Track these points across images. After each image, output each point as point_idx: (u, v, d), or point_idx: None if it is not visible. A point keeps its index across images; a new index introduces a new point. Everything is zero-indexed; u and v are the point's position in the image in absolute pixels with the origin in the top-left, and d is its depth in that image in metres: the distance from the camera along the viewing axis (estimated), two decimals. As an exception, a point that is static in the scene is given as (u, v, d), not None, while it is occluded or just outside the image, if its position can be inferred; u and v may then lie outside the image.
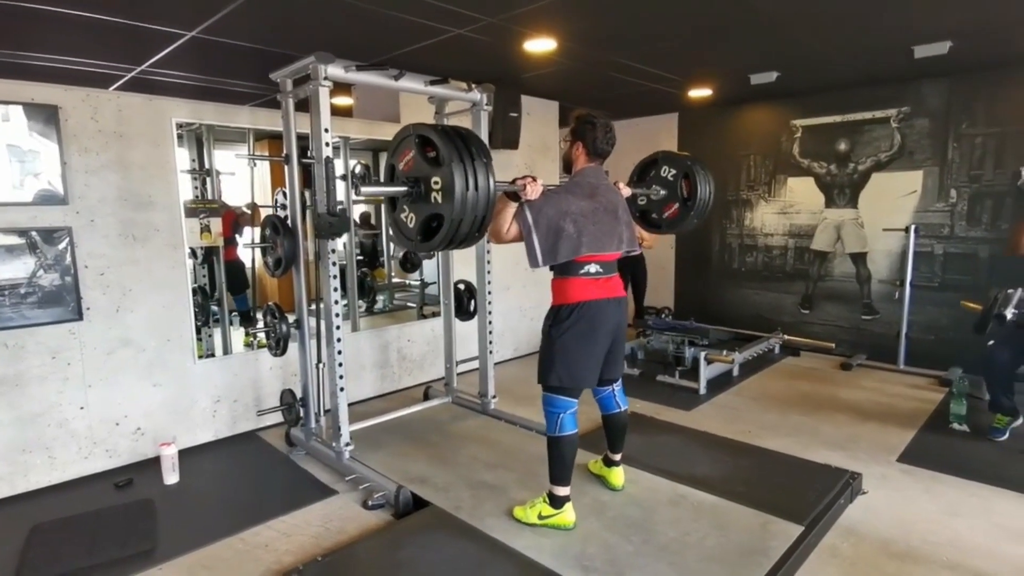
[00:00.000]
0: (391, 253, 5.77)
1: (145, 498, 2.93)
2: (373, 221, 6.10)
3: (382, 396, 4.47)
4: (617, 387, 2.77)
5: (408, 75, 3.11)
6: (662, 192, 3.18)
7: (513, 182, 2.32)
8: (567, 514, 2.50)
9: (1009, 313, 3.40)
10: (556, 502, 2.49)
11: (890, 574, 2.25)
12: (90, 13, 2.99)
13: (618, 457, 2.85)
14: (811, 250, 5.66)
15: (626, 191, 2.82)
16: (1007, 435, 3.46)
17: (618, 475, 2.84)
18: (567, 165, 2.69)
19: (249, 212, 4.80)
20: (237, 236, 4.93)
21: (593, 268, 2.45)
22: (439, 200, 1.97)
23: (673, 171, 3.16)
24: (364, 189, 2.19)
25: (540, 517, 2.51)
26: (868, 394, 4.38)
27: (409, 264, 5.19)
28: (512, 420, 3.70)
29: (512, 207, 2.35)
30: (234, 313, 4.65)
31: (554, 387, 2.47)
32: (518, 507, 2.61)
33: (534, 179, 2.32)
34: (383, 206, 2.31)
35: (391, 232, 2.30)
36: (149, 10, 3.01)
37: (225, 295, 4.06)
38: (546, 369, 2.48)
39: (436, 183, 1.98)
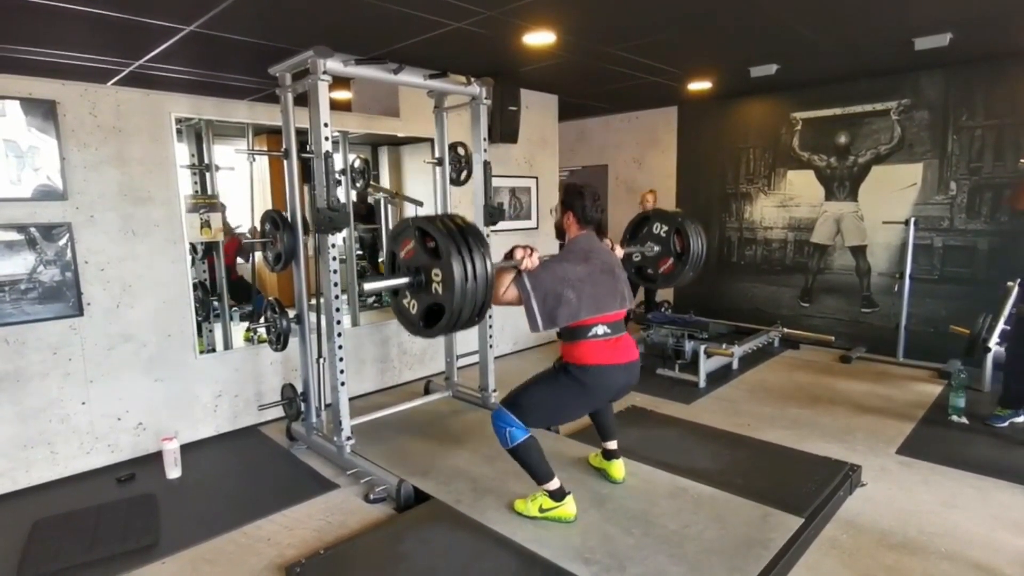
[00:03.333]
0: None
1: (147, 493, 2.94)
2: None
3: (383, 391, 4.48)
4: None
5: (407, 69, 3.10)
6: (656, 248, 3.27)
7: (511, 253, 2.40)
8: (568, 506, 2.51)
9: (992, 344, 3.51)
10: (555, 495, 2.51)
11: (889, 565, 2.26)
12: (88, 7, 2.99)
13: (614, 446, 2.85)
14: (811, 243, 5.66)
15: (619, 251, 2.87)
16: (1006, 424, 3.49)
17: (618, 467, 2.85)
18: (559, 232, 2.72)
19: (251, 237, 4.82)
20: (240, 259, 4.98)
21: (601, 330, 2.46)
22: (439, 291, 2.05)
23: (665, 228, 3.25)
24: (368, 286, 2.24)
25: (541, 510, 2.53)
26: (867, 387, 4.39)
27: None
28: (512, 414, 3.70)
29: (510, 272, 2.41)
30: (234, 308, 4.64)
31: (519, 415, 2.47)
32: (519, 500, 2.62)
33: (531, 250, 2.39)
34: (386, 294, 2.36)
35: (392, 309, 2.36)
36: (147, 4, 3.00)
37: (225, 292, 4.05)
38: (519, 399, 2.51)
39: (436, 275, 2.05)
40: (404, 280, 2.14)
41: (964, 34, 3.81)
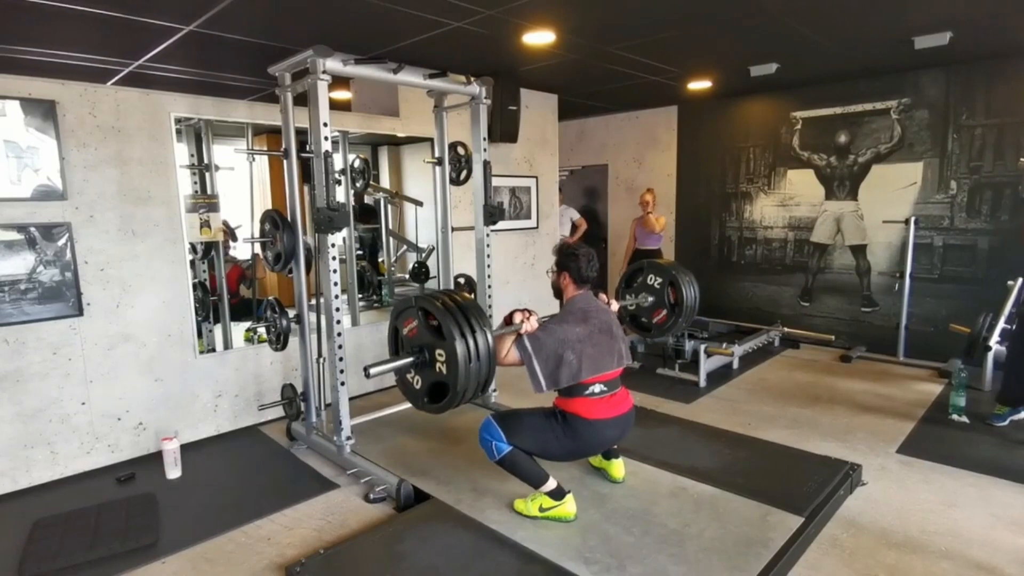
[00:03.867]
0: (393, 254, 5.75)
1: (147, 492, 2.94)
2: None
3: (383, 390, 4.48)
4: None
5: (407, 68, 3.09)
6: (650, 299, 3.37)
7: (510, 318, 2.46)
8: (568, 505, 2.52)
9: (993, 343, 3.50)
10: (554, 495, 2.53)
11: (889, 564, 2.26)
12: (87, 7, 2.99)
13: (615, 446, 2.86)
14: (811, 242, 5.66)
15: (615, 305, 2.94)
16: (1006, 422, 3.49)
17: (618, 467, 2.86)
18: (557, 292, 2.79)
19: (253, 265, 4.83)
20: (243, 286, 4.97)
21: (598, 388, 2.53)
22: (444, 371, 2.10)
23: (659, 279, 3.35)
24: (374, 370, 2.22)
25: (541, 510, 2.54)
26: (868, 386, 4.39)
27: (424, 275, 5.21)
28: (512, 413, 3.70)
29: (511, 334, 2.46)
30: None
31: (504, 434, 2.50)
32: (519, 500, 2.63)
33: (529, 314, 2.45)
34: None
35: (396, 382, 2.43)
36: (146, 4, 3.00)
37: (225, 291, 4.05)
38: (514, 424, 2.55)
39: (440, 355, 2.10)
40: (409, 360, 2.20)
41: (964, 33, 3.80)
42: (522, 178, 5.55)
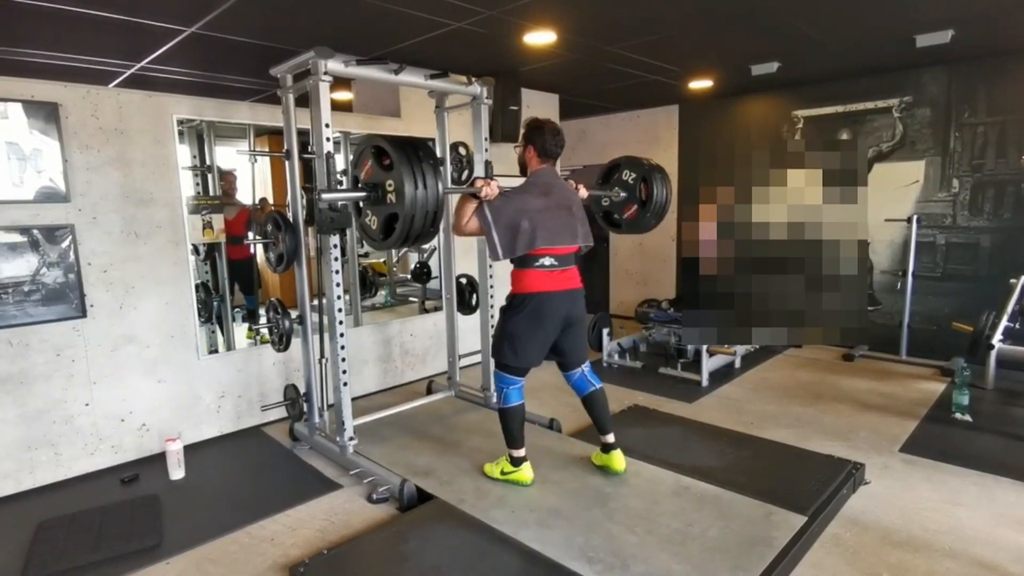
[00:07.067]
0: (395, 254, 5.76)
1: (151, 493, 2.94)
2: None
3: (385, 391, 4.48)
4: (586, 368, 2.94)
5: (408, 69, 3.10)
6: (623, 195, 3.43)
7: (472, 182, 2.62)
8: (524, 471, 2.79)
9: (996, 341, 3.48)
10: (514, 462, 2.80)
11: (892, 563, 2.26)
12: (90, 10, 2.99)
13: (612, 439, 2.87)
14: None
15: (584, 192, 3.07)
16: None
17: (619, 459, 2.86)
18: (523, 168, 2.92)
19: (261, 208, 4.79)
20: (251, 234, 4.91)
21: (548, 261, 2.67)
22: (394, 200, 2.24)
23: (633, 175, 3.42)
24: (326, 196, 2.47)
25: (503, 473, 2.82)
26: (870, 384, 4.38)
27: (426, 276, 5.21)
28: (515, 413, 3.70)
29: (472, 204, 2.62)
30: (237, 309, 4.63)
31: (502, 364, 2.77)
32: (488, 464, 2.91)
33: (488, 181, 2.61)
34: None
35: (361, 235, 2.56)
36: (148, 6, 3.00)
37: (227, 291, 4.06)
38: (496, 347, 2.81)
39: (390, 186, 2.24)
40: (362, 193, 2.35)
41: (966, 31, 3.80)
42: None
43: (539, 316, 2.68)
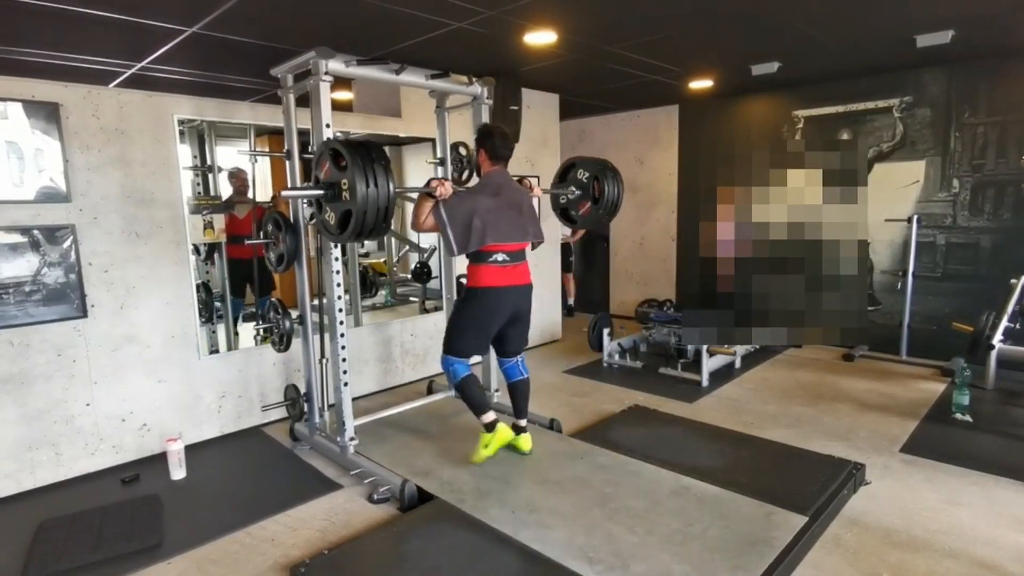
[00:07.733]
0: (395, 254, 5.76)
1: (151, 494, 2.95)
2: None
3: (385, 391, 4.49)
4: (520, 358, 3.19)
5: (409, 69, 3.10)
6: (577, 192, 3.57)
7: (428, 184, 2.76)
8: (502, 432, 2.98)
9: (996, 342, 3.49)
10: (488, 428, 2.95)
11: (893, 563, 2.26)
12: (90, 9, 2.99)
13: (524, 423, 3.15)
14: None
15: (538, 192, 3.27)
16: None
17: (526, 440, 3.12)
18: (478, 170, 3.10)
19: (274, 206, 4.78)
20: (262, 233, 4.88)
21: (500, 257, 2.86)
22: (348, 198, 2.37)
23: (587, 174, 3.54)
24: (284, 193, 2.78)
25: (485, 447, 2.96)
26: (870, 385, 4.38)
27: (426, 276, 5.20)
28: (515, 413, 3.70)
29: (429, 203, 2.79)
30: (247, 305, 4.59)
31: (451, 350, 2.97)
32: (472, 455, 3.01)
33: (442, 181, 2.74)
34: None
35: (320, 231, 2.74)
36: (149, 6, 3.01)
37: (227, 292, 4.05)
38: (447, 336, 3.02)
39: (345, 184, 2.37)
40: (319, 191, 2.48)
41: (966, 31, 3.80)
42: (524, 178, 5.54)
43: (490, 310, 2.90)
